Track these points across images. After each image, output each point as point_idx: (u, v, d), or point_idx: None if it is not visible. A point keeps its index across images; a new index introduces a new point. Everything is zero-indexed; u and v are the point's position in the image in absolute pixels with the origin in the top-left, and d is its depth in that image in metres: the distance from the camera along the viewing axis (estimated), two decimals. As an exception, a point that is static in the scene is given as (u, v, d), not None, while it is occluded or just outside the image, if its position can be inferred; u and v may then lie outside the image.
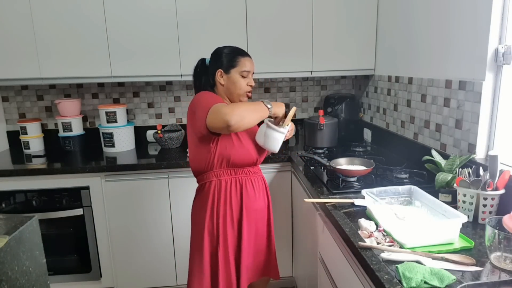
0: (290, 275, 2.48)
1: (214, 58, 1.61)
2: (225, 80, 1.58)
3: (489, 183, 1.27)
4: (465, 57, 1.59)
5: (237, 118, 1.35)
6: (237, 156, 1.55)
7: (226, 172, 1.57)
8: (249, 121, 1.41)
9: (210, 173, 1.57)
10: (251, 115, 1.41)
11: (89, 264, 2.34)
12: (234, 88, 1.58)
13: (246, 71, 1.58)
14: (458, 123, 1.64)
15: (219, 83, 1.59)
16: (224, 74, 1.58)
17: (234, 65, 1.57)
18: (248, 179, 1.61)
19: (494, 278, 0.98)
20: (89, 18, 2.29)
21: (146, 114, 2.86)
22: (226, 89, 1.60)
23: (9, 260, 1.04)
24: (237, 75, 1.57)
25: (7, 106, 2.77)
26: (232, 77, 1.57)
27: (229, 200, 1.58)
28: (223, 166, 1.56)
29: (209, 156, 1.53)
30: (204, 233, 1.58)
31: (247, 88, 1.60)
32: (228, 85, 1.58)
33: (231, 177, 1.58)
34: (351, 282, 1.23)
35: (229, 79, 1.58)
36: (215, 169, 1.56)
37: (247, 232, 1.61)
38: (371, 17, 2.45)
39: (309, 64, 2.48)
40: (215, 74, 1.59)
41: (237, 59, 1.57)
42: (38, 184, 2.22)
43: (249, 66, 1.59)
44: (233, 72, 1.57)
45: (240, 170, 1.59)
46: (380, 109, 2.44)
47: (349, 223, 1.32)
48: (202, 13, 2.35)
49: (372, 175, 1.79)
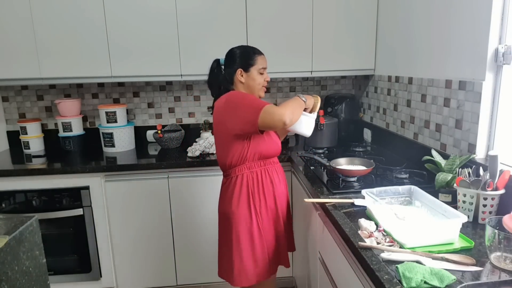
0: (290, 275, 2.48)
1: (232, 58, 1.71)
2: (245, 78, 1.69)
3: (489, 183, 1.27)
4: (465, 57, 1.59)
5: (291, 116, 1.52)
6: (268, 149, 1.70)
7: (257, 164, 1.69)
8: (297, 117, 1.60)
9: (242, 166, 1.68)
10: (297, 111, 1.60)
11: (89, 264, 2.34)
12: (254, 84, 1.70)
13: (263, 68, 1.71)
14: (458, 123, 1.64)
15: (239, 81, 1.70)
16: (244, 73, 1.69)
17: (252, 63, 1.68)
18: (273, 168, 1.75)
19: (494, 278, 0.98)
20: (89, 18, 2.29)
21: (146, 114, 2.86)
22: (246, 86, 1.71)
23: (9, 260, 1.04)
24: (256, 72, 1.69)
25: (7, 106, 2.77)
26: (252, 74, 1.69)
27: (262, 189, 1.70)
28: (255, 159, 1.68)
29: (243, 151, 1.65)
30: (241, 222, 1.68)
31: (264, 83, 1.73)
32: (248, 82, 1.70)
33: (261, 168, 1.71)
34: (351, 282, 1.23)
35: (249, 77, 1.69)
36: (247, 162, 1.68)
37: (281, 216, 1.77)
38: (371, 17, 2.45)
39: (309, 64, 2.48)
40: (233, 73, 1.69)
41: (255, 58, 1.69)
42: (38, 184, 2.22)
43: (265, 63, 1.73)
44: (252, 70, 1.68)
45: (268, 161, 1.73)
46: (380, 109, 2.44)
47: (349, 223, 1.32)
48: (202, 13, 2.35)
49: (372, 175, 1.79)
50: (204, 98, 2.87)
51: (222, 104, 1.63)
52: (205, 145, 2.39)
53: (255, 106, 1.53)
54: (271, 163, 1.75)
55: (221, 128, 1.66)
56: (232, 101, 1.60)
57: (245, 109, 1.55)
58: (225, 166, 1.73)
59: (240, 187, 1.68)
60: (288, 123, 1.51)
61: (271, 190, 1.73)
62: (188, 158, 2.34)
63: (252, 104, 1.55)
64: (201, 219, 2.36)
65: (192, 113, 2.88)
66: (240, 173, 1.68)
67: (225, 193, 1.74)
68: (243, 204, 1.68)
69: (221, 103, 1.65)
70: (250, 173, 1.68)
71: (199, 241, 2.39)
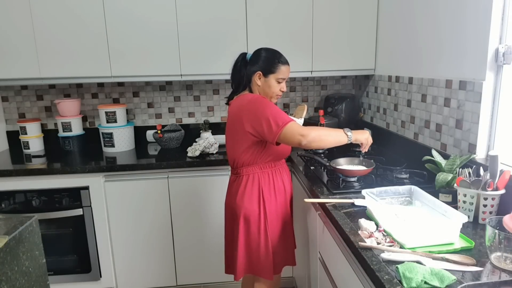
0: (290, 275, 2.48)
1: (256, 59, 1.70)
2: (262, 82, 1.70)
3: (490, 183, 1.27)
4: (466, 57, 1.58)
5: (311, 139, 1.52)
6: (281, 152, 1.75)
7: (269, 165, 1.74)
8: (324, 143, 1.59)
9: (254, 167, 1.72)
10: (328, 140, 1.58)
11: (89, 264, 2.34)
12: (268, 91, 1.71)
13: (282, 78, 1.71)
14: (459, 123, 1.64)
15: (255, 83, 1.70)
16: (262, 77, 1.69)
17: (273, 71, 1.68)
18: (283, 168, 1.82)
19: (495, 278, 0.98)
20: (89, 18, 2.29)
21: (146, 114, 2.86)
22: (261, 89, 1.72)
23: (9, 260, 1.04)
24: (274, 80, 1.69)
25: (7, 106, 2.77)
26: (269, 81, 1.69)
27: (273, 189, 1.75)
28: (268, 161, 1.73)
29: (257, 153, 1.69)
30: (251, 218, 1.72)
31: (279, 92, 1.74)
32: (263, 87, 1.71)
33: (272, 169, 1.75)
34: (351, 282, 1.23)
35: (266, 83, 1.70)
36: (260, 163, 1.72)
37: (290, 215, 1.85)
38: (371, 17, 2.45)
39: (309, 64, 2.48)
40: (252, 73, 1.70)
41: (278, 67, 1.68)
42: (38, 184, 2.22)
43: (286, 74, 1.72)
44: (271, 77, 1.69)
45: (279, 162, 1.79)
46: (380, 109, 2.44)
47: (349, 223, 1.32)
48: (202, 13, 2.35)
49: (372, 175, 1.79)
50: (204, 98, 2.87)
51: (246, 103, 1.63)
52: (205, 145, 2.39)
53: (280, 119, 1.55)
54: (281, 163, 1.80)
55: (238, 126, 1.65)
56: (257, 106, 1.59)
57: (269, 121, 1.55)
58: (236, 163, 1.74)
59: (252, 186, 1.71)
60: (304, 144, 1.53)
61: (283, 190, 1.78)
62: (188, 158, 2.33)
63: (278, 116, 1.55)
64: (201, 219, 2.36)
65: (192, 113, 2.88)
66: (252, 173, 1.72)
67: (236, 190, 1.76)
68: (254, 201, 1.71)
69: (244, 102, 1.64)
70: (262, 173, 1.72)
71: (199, 241, 2.39)
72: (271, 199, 1.73)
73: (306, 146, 1.54)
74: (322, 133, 1.56)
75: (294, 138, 1.52)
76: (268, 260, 1.73)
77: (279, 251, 1.79)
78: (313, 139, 1.52)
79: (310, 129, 1.54)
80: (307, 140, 1.51)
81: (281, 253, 1.80)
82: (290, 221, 1.85)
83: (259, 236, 1.72)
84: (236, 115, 1.66)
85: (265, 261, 1.73)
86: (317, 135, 1.53)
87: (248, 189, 1.71)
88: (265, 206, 1.71)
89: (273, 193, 1.74)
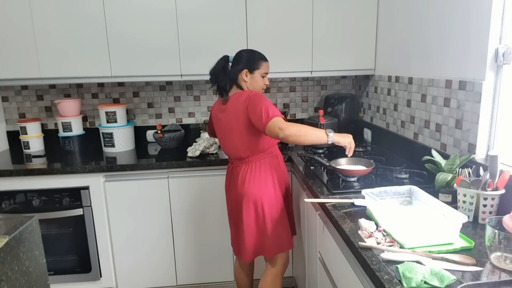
0: (290, 275, 2.48)
1: (239, 59, 1.87)
2: (249, 78, 1.87)
3: (489, 183, 1.27)
4: (465, 57, 1.59)
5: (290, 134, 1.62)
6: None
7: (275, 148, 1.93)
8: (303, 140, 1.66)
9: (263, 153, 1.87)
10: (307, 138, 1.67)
11: (89, 264, 2.34)
12: (255, 85, 1.88)
13: (265, 73, 1.90)
14: (458, 123, 1.64)
15: (243, 80, 1.86)
16: (249, 74, 1.86)
17: (257, 67, 1.87)
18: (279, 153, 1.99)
19: (494, 278, 0.98)
20: (89, 18, 2.29)
21: (146, 114, 2.86)
22: (249, 85, 1.88)
23: (9, 260, 1.04)
24: (259, 75, 1.88)
25: (7, 106, 2.77)
26: (255, 77, 1.88)
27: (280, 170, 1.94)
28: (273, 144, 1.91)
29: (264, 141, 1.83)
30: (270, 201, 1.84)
31: (264, 86, 1.93)
32: (251, 82, 1.88)
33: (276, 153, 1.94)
34: (351, 282, 1.23)
35: (253, 78, 1.87)
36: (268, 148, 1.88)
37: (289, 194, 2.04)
38: (371, 17, 2.45)
39: (309, 64, 2.48)
40: (238, 72, 1.85)
41: (261, 63, 1.88)
42: (38, 184, 2.22)
43: (268, 69, 1.91)
44: (256, 73, 1.87)
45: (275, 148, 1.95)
46: (380, 109, 2.44)
47: (349, 223, 1.32)
48: (202, 13, 2.35)
49: (372, 175, 1.79)
50: (204, 98, 2.87)
51: (246, 98, 1.75)
52: (205, 145, 2.39)
53: (272, 111, 1.68)
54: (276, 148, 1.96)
55: (242, 120, 1.77)
56: (256, 99, 1.74)
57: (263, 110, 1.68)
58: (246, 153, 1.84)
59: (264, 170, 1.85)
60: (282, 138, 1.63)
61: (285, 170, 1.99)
62: (188, 158, 2.34)
63: (270, 109, 1.69)
64: (201, 219, 2.36)
65: (192, 113, 2.88)
66: (262, 158, 1.86)
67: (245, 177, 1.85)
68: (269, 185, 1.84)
69: (244, 97, 1.77)
70: (270, 158, 1.88)
71: (199, 241, 2.39)
72: (280, 180, 1.90)
73: (284, 139, 1.63)
74: (302, 129, 1.65)
75: (274, 129, 1.63)
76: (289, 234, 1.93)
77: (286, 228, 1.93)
78: (290, 133, 1.62)
79: (291, 124, 1.65)
80: (284, 133, 1.61)
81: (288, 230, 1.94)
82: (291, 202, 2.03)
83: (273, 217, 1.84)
84: (240, 109, 1.77)
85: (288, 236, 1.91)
86: (295, 130, 1.63)
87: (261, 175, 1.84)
88: (278, 187, 1.87)
89: (281, 174, 1.92)
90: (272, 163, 1.88)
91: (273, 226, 1.85)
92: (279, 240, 1.87)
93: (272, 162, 1.89)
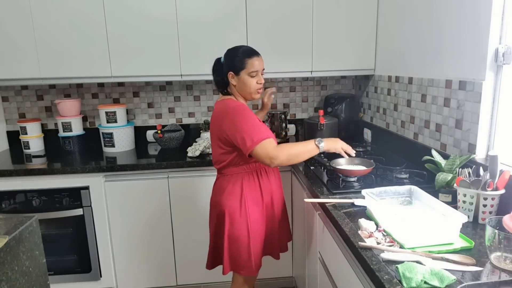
0: (290, 275, 2.48)
1: (225, 60, 1.69)
2: (236, 81, 1.67)
3: (489, 183, 1.27)
4: (465, 57, 1.58)
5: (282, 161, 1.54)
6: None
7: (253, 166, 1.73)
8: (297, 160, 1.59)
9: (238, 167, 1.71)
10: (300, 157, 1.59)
11: (89, 264, 2.34)
12: (245, 88, 1.67)
13: (255, 71, 1.65)
14: (458, 123, 1.64)
15: (231, 84, 1.69)
16: (235, 76, 1.66)
17: (242, 67, 1.64)
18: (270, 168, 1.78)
19: (494, 278, 0.98)
20: (89, 18, 2.29)
21: (146, 114, 2.86)
22: (238, 88, 1.69)
23: (9, 260, 1.04)
24: (246, 76, 1.65)
25: (7, 106, 2.77)
26: (242, 78, 1.65)
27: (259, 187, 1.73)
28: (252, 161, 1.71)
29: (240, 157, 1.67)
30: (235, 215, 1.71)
31: (257, 86, 1.68)
32: (239, 85, 1.68)
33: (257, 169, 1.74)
34: (351, 282, 1.23)
35: (240, 80, 1.66)
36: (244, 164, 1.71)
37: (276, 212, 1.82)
38: (371, 17, 2.45)
39: (309, 64, 2.48)
40: (225, 75, 1.68)
41: (245, 61, 1.63)
42: (38, 184, 2.22)
43: (257, 66, 1.65)
44: (242, 74, 1.64)
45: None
46: (380, 109, 2.44)
47: (349, 223, 1.32)
48: (202, 13, 2.35)
49: (372, 175, 1.79)
50: (204, 98, 2.87)
51: (226, 111, 1.63)
52: (205, 145, 2.39)
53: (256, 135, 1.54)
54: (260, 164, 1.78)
55: (216, 132, 1.67)
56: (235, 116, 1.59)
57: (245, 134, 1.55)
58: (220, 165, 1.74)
59: (234, 185, 1.71)
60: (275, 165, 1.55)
61: (269, 190, 1.77)
62: (188, 158, 2.34)
63: (254, 131, 1.55)
64: (201, 219, 2.36)
65: (192, 113, 2.88)
66: (236, 173, 1.72)
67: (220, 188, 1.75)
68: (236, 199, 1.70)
69: (221, 108, 1.66)
70: (245, 174, 1.72)
71: (199, 241, 2.39)
72: (253, 198, 1.72)
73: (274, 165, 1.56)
74: (292, 152, 1.56)
75: (264, 160, 1.54)
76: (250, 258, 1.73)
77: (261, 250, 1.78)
78: (282, 161, 1.54)
79: (280, 150, 1.54)
80: (276, 164, 1.54)
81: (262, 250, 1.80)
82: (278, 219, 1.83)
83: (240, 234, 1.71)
84: (216, 121, 1.67)
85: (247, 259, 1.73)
86: (287, 156, 1.54)
87: (229, 188, 1.71)
88: (246, 205, 1.69)
89: (258, 193, 1.73)
90: (248, 180, 1.71)
91: (230, 243, 1.72)
92: (236, 259, 1.74)
93: (248, 179, 1.71)
